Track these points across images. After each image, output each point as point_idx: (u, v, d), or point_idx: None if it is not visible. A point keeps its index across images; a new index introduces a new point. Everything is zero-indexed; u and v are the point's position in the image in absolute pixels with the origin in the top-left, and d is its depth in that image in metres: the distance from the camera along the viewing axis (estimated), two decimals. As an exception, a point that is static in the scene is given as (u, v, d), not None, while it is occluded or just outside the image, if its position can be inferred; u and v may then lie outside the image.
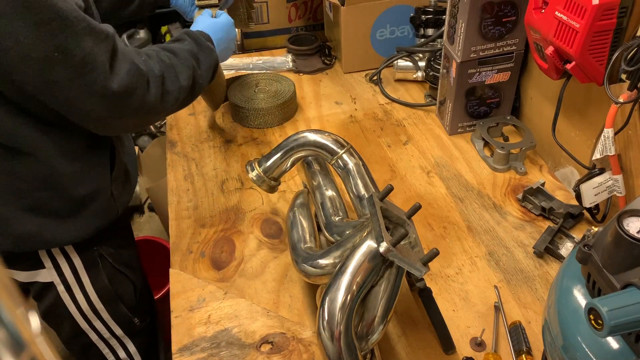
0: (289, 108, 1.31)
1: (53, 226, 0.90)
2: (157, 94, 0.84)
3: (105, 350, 1.12)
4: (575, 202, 0.97)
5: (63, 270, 0.97)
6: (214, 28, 1.02)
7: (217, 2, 1.13)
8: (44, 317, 1.06)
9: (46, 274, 0.97)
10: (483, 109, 1.20)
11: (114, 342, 1.12)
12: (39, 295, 1.01)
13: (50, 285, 0.99)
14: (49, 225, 0.90)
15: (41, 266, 0.96)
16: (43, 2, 0.67)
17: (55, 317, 1.05)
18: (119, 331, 1.10)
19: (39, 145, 0.83)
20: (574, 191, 0.94)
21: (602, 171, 0.90)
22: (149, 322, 1.19)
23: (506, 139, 1.17)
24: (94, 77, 0.74)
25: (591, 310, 0.45)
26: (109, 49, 0.76)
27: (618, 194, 0.89)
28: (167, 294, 0.91)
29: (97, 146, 0.92)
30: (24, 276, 0.97)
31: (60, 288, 0.99)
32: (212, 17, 1.06)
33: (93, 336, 1.08)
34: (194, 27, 1.01)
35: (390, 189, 0.69)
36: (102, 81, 0.75)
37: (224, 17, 1.07)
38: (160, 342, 1.27)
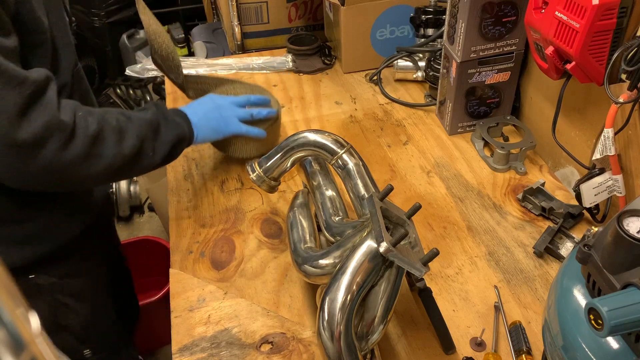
0: (269, 136, 1.09)
1: None
2: (80, 153, 0.77)
3: None
4: (575, 202, 0.97)
5: None
6: (194, 107, 0.98)
7: None
8: None
9: None
10: (483, 109, 1.20)
11: None
12: None
13: None
14: None
15: None
16: None
17: None
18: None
19: None
20: (574, 191, 0.94)
21: (602, 171, 0.90)
22: (105, 356, 1.08)
23: (506, 139, 1.17)
24: None
25: (591, 310, 0.45)
26: (24, 95, 0.71)
27: (618, 194, 0.89)
28: (167, 294, 0.91)
29: None
30: None
31: None
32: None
33: None
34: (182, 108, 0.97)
35: (390, 189, 0.69)
36: (6, 127, 0.69)
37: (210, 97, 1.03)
38: None
